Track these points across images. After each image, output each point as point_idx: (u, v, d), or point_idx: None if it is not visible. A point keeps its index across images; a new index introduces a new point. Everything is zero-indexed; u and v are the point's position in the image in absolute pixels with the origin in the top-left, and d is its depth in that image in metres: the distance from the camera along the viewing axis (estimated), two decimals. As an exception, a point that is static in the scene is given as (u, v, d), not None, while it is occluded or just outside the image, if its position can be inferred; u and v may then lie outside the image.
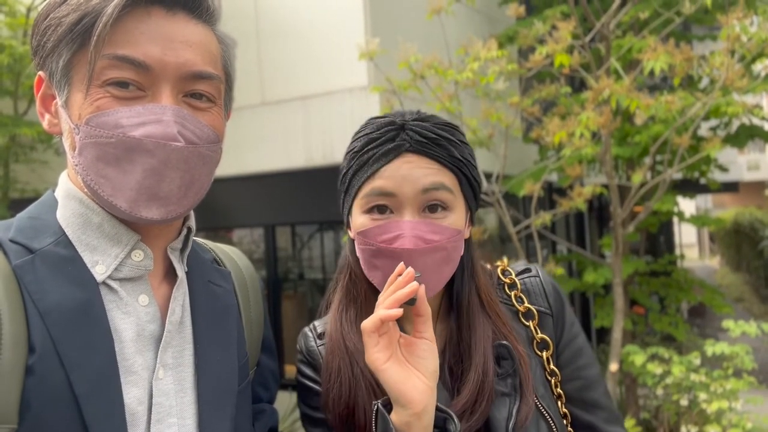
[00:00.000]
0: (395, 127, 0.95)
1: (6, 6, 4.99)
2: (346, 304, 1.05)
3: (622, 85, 3.17)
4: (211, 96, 0.82)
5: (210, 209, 5.43)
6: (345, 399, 0.98)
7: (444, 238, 0.93)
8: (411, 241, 0.91)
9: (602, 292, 5.12)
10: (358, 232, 0.96)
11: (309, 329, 1.11)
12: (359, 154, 0.97)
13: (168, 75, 0.77)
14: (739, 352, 3.70)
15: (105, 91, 0.75)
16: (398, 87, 3.56)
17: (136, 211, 0.76)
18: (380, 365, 0.84)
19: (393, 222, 0.93)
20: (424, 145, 0.94)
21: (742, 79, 3.11)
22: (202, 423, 0.82)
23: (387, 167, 0.93)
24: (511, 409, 0.94)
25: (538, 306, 1.06)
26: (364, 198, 0.96)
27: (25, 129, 4.66)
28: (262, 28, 5.04)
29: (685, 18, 3.84)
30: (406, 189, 0.92)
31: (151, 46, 0.76)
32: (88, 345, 0.73)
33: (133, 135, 0.74)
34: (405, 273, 0.85)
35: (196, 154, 0.79)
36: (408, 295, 0.83)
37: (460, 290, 1.02)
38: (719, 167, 5.71)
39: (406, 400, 0.83)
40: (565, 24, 3.21)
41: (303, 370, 1.07)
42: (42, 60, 0.80)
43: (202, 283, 0.90)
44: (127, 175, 0.75)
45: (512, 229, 3.63)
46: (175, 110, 0.77)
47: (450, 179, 0.95)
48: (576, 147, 3.22)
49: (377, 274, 0.96)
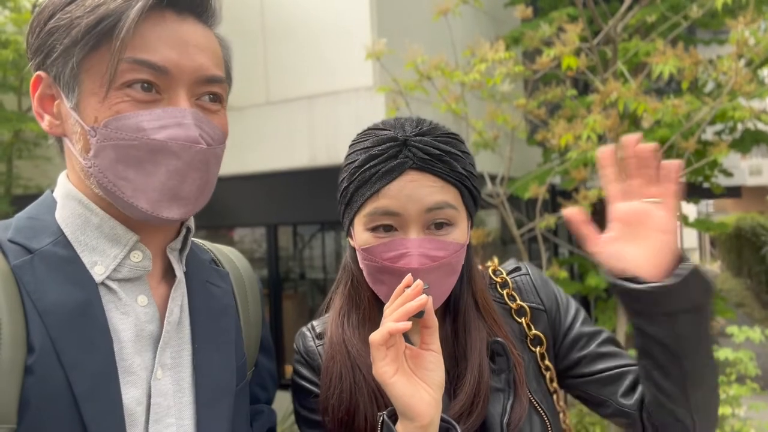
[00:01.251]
0: (397, 144, 0.94)
1: (11, 2, 4.99)
2: (348, 310, 1.05)
3: (629, 89, 3.16)
4: (220, 98, 0.84)
5: (212, 208, 5.38)
6: (346, 405, 0.97)
7: (449, 254, 0.94)
8: (417, 260, 0.91)
9: (604, 296, 5.12)
10: (363, 248, 0.97)
11: (307, 329, 1.10)
12: (361, 169, 0.96)
13: (184, 79, 0.78)
14: (742, 358, 3.69)
15: (125, 95, 0.75)
16: (404, 88, 3.56)
17: (158, 211, 0.77)
18: (388, 379, 0.83)
19: (398, 240, 0.93)
20: (427, 162, 0.93)
21: (749, 84, 3.10)
22: (200, 423, 0.82)
23: (390, 186, 0.93)
24: (505, 404, 0.95)
25: (530, 303, 1.07)
26: (367, 216, 0.95)
27: (29, 125, 4.66)
28: (268, 28, 5.04)
29: (692, 22, 3.83)
30: (411, 208, 0.92)
31: (168, 50, 0.77)
32: (87, 345, 0.74)
33: (156, 138, 0.75)
34: (414, 285, 0.84)
35: (212, 155, 0.81)
36: (417, 308, 0.82)
37: (458, 295, 1.02)
38: (723, 172, 5.70)
39: (414, 413, 0.83)
40: (572, 26, 3.21)
41: (300, 371, 1.06)
42: (44, 60, 0.79)
43: (200, 284, 0.90)
44: (150, 177, 0.76)
45: (516, 231, 3.62)
46: (193, 113, 0.78)
47: (453, 195, 0.95)
48: (582, 150, 3.22)
49: (383, 288, 0.97)
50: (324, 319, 1.10)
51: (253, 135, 5.06)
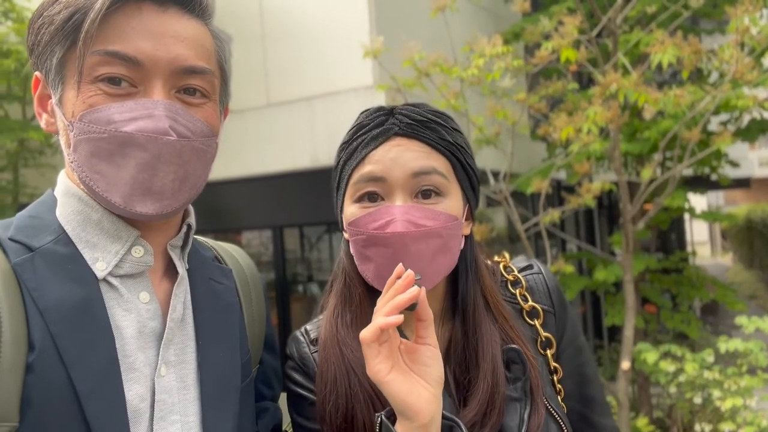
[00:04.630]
0: (384, 113, 0.93)
1: (14, 12, 5.03)
2: (341, 309, 1.00)
3: (629, 80, 3.13)
4: (204, 91, 0.82)
5: (217, 211, 5.44)
6: (342, 411, 0.93)
7: (438, 224, 0.89)
8: (402, 225, 0.87)
9: (613, 290, 5.08)
10: (349, 222, 0.93)
11: (301, 333, 1.05)
12: (349, 143, 0.95)
13: (160, 70, 0.77)
14: (753, 349, 3.66)
15: (97, 88, 0.75)
16: (403, 85, 3.55)
17: (131, 205, 0.76)
18: (383, 377, 0.78)
19: (384, 208, 0.90)
20: (413, 127, 0.91)
21: (752, 72, 3.07)
22: (205, 420, 0.82)
23: (375, 152, 0.91)
24: (522, 414, 0.91)
25: (542, 304, 1.03)
26: (353, 186, 0.93)
27: (34, 133, 4.70)
28: (267, 29, 5.04)
29: (693, 12, 3.80)
30: (396, 173, 0.89)
31: (142, 41, 0.76)
32: (89, 342, 0.73)
33: (125, 130, 0.74)
34: (404, 276, 0.79)
35: (189, 148, 0.78)
36: (408, 300, 0.77)
37: (465, 293, 0.98)
38: (730, 162, 5.65)
39: (412, 412, 0.78)
40: (571, 19, 3.19)
41: (295, 377, 1.02)
42: (37, 59, 0.80)
43: (203, 281, 0.90)
44: (121, 170, 0.75)
45: (521, 227, 3.60)
46: (166, 105, 0.77)
47: (442, 163, 0.92)
48: (584, 143, 3.19)
49: (370, 267, 0.92)
50: (318, 323, 1.05)
51: (255, 137, 5.07)
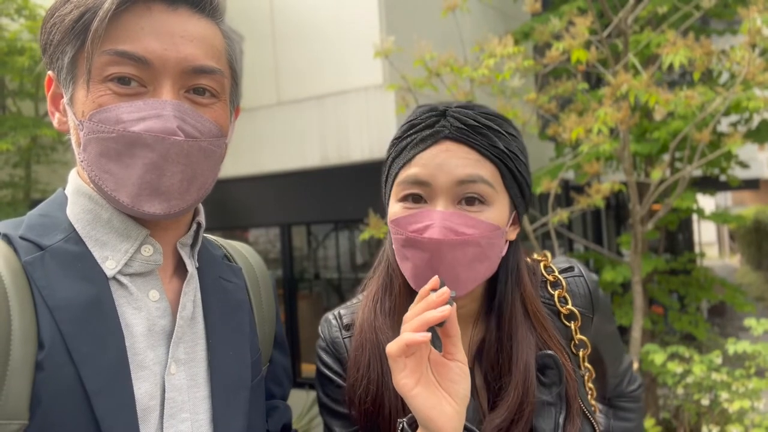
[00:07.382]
0: (437, 113, 0.91)
1: (27, 9, 5.07)
2: (381, 296, 1.01)
3: (640, 80, 3.13)
4: (213, 91, 0.82)
5: (226, 209, 5.47)
6: (372, 396, 0.94)
7: (477, 232, 0.87)
8: (440, 231, 0.85)
9: (620, 291, 5.06)
10: (391, 220, 0.93)
11: (334, 317, 1.06)
12: (399, 140, 0.94)
13: (169, 70, 0.77)
14: (761, 351, 3.64)
15: (106, 88, 0.76)
16: (413, 85, 3.55)
17: (138, 205, 0.76)
18: (408, 391, 0.78)
19: (425, 211, 0.88)
20: (463, 132, 0.89)
21: (763, 74, 3.05)
22: (215, 418, 0.82)
23: (423, 154, 0.89)
24: (557, 419, 0.91)
25: (581, 308, 1.01)
26: (399, 185, 0.92)
27: (46, 130, 4.73)
28: (278, 29, 5.06)
29: (704, 12, 3.78)
30: (441, 179, 0.88)
31: (152, 41, 0.76)
32: (99, 340, 0.74)
33: (133, 130, 0.74)
34: (439, 293, 0.78)
35: (197, 149, 0.78)
36: (438, 319, 0.76)
37: (503, 298, 0.96)
38: (740, 164, 5.62)
39: (435, 426, 0.78)
40: (581, 19, 3.18)
41: (325, 359, 1.03)
42: (49, 58, 0.80)
43: (213, 279, 0.90)
44: (129, 170, 0.75)
45: (529, 227, 3.60)
46: (174, 105, 0.77)
47: (490, 171, 0.89)
48: (594, 143, 3.19)
49: (407, 266, 0.92)
50: (353, 308, 1.06)
51: (265, 136, 5.09)
